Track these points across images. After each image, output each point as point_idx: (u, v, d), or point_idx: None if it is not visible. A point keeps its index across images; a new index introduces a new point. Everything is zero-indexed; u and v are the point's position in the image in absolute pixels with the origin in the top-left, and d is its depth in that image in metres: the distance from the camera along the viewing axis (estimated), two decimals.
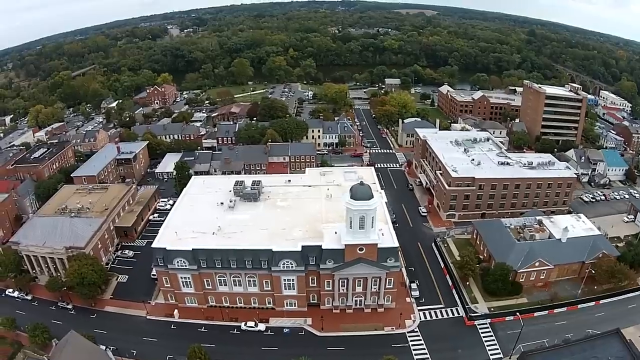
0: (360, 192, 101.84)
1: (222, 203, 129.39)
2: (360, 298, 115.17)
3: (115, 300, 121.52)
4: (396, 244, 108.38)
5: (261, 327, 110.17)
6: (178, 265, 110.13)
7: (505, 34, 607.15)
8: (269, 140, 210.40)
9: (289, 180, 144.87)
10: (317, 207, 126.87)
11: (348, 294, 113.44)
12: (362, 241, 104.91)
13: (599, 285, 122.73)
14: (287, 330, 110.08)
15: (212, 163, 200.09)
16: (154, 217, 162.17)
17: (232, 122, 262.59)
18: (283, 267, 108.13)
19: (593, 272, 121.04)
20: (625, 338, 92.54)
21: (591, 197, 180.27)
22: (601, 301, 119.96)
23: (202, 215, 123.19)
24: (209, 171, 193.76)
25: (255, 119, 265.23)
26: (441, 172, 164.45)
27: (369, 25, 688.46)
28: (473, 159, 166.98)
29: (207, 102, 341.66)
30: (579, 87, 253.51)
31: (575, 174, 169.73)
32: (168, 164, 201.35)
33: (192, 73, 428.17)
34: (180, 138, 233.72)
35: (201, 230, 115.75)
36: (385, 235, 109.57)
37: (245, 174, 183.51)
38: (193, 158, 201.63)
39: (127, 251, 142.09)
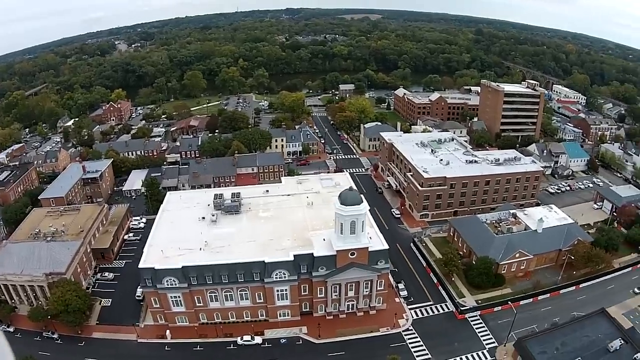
0: (350, 198, 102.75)
1: (203, 217, 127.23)
2: (353, 302, 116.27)
3: (102, 325, 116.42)
4: (386, 246, 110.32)
5: (258, 340, 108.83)
6: (168, 285, 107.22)
7: (453, 35, 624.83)
8: (236, 152, 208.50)
9: (267, 191, 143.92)
10: (300, 215, 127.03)
11: (341, 299, 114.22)
12: (353, 246, 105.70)
13: (577, 270, 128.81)
14: (284, 340, 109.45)
15: (180, 178, 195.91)
16: (129, 237, 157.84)
17: (192, 136, 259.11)
18: (276, 277, 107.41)
19: (572, 258, 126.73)
20: (611, 316, 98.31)
21: (557, 189, 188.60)
22: (581, 285, 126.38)
23: (186, 232, 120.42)
24: (177, 186, 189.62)
25: (216, 131, 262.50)
26: (412, 173, 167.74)
27: (315, 32, 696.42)
28: (441, 159, 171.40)
29: (164, 116, 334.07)
30: (536, 84, 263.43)
31: (541, 167, 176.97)
32: (135, 181, 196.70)
33: (145, 88, 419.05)
34: (143, 154, 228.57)
35: (188, 246, 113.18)
36: (373, 239, 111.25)
37: (214, 186, 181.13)
38: (160, 174, 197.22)
39: (106, 273, 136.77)
